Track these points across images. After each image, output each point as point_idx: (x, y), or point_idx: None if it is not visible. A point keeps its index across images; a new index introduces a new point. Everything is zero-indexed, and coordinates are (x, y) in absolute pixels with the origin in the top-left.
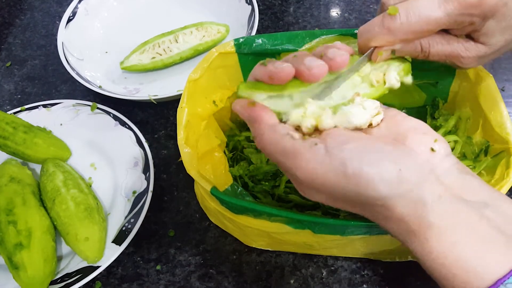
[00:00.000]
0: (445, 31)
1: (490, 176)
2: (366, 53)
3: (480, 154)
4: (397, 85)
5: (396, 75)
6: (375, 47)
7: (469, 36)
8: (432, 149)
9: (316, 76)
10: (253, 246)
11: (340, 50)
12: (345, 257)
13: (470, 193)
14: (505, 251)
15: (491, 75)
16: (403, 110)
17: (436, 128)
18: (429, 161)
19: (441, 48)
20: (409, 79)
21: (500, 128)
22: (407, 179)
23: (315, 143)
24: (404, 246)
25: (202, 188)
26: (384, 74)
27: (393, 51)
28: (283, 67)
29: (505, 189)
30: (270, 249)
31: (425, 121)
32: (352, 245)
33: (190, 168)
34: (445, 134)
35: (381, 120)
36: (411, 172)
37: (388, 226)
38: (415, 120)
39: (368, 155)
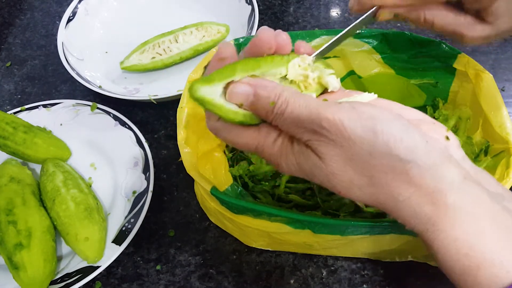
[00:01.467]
0: (453, 6)
1: None
2: (370, 10)
3: (480, 154)
4: (338, 87)
5: (336, 77)
6: (380, 6)
7: (477, 14)
8: (447, 138)
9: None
10: (253, 246)
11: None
12: (345, 257)
13: (487, 183)
14: None
15: (491, 75)
16: None
17: None
18: (447, 147)
19: (446, 21)
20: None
21: (500, 128)
22: (434, 151)
23: (338, 101)
24: (420, 237)
25: (202, 188)
26: (319, 78)
27: (395, 15)
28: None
29: None
30: (270, 249)
31: None
32: (352, 245)
33: (190, 168)
34: None
35: None
36: (435, 150)
37: (408, 211)
38: (415, 110)
39: (397, 121)
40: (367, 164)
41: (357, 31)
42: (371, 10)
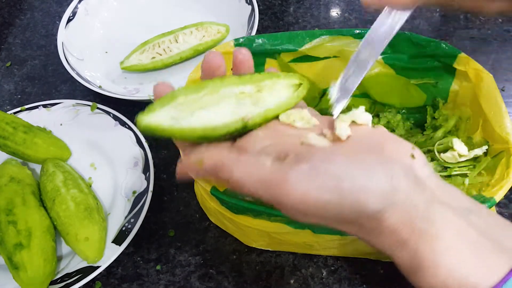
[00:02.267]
0: None
1: (490, 176)
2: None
3: (480, 155)
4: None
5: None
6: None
7: None
8: (413, 156)
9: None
10: (253, 246)
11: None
12: (345, 257)
13: (454, 199)
14: (495, 257)
15: (491, 75)
16: (403, 110)
17: (436, 128)
18: (412, 167)
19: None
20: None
21: (500, 128)
22: (399, 187)
23: (296, 162)
24: (393, 260)
25: (202, 188)
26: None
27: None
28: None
29: (505, 189)
30: (270, 249)
31: (425, 121)
32: (352, 245)
33: None
34: (445, 134)
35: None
36: (401, 179)
37: (378, 240)
38: (378, 130)
39: (359, 166)
40: (337, 218)
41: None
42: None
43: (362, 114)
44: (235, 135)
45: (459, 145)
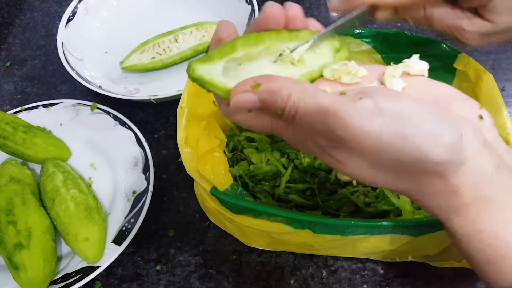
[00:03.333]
0: (452, 4)
1: None
2: (360, 9)
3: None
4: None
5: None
6: (373, 5)
7: (476, 12)
8: (481, 117)
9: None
10: (253, 246)
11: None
12: (345, 257)
13: None
14: None
15: (491, 75)
16: None
17: None
18: (480, 129)
19: (444, 17)
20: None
21: (500, 128)
22: (467, 145)
23: (359, 98)
24: (445, 225)
25: (202, 188)
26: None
27: (396, 12)
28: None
29: None
30: (270, 249)
31: None
32: (352, 245)
33: (190, 168)
34: None
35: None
36: (470, 137)
37: (434, 201)
38: (445, 85)
39: (428, 113)
40: (395, 167)
41: (351, 28)
42: (364, 9)
43: (416, 64)
44: None
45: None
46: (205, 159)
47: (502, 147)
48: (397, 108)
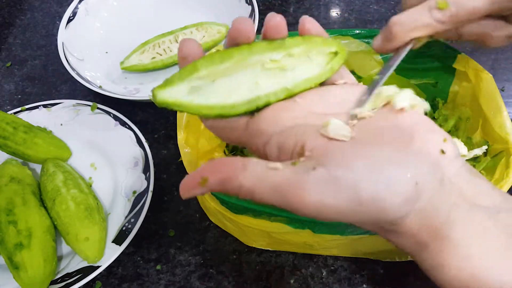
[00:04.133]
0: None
1: (490, 176)
2: (406, 45)
3: (479, 155)
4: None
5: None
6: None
7: (502, 17)
8: (442, 151)
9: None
10: (253, 246)
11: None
12: (345, 257)
13: (482, 196)
14: None
15: (491, 75)
16: None
17: None
18: (439, 164)
19: (472, 28)
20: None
21: (500, 128)
22: (423, 191)
23: (312, 167)
24: (414, 259)
25: None
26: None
27: (431, 36)
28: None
29: (505, 189)
30: (270, 249)
31: None
32: (352, 245)
33: (190, 168)
34: None
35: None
36: (426, 182)
37: (399, 241)
38: (415, 113)
39: (381, 170)
40: (357, 222)
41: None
42: (409, 44)
43: (405, 99)
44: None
45: (458, 145)
46: (205, 159)
47: (463, 179)
48: (350, 174)
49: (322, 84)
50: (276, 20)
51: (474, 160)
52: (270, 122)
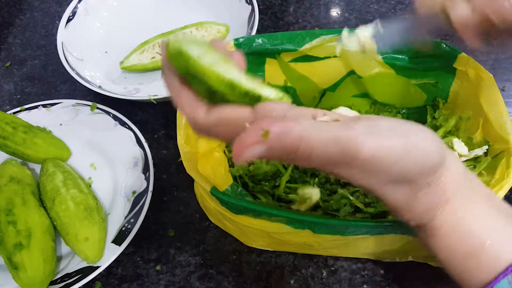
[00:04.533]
0: None
1: (491, 176)
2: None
3: (480, 155)
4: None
5: None
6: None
7: None
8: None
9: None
10: (253, 246)
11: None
12: (345, 257)
13: (476, 185)
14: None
15: (491, 75)
16: (403, 110)
17: (436, 128)
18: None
19: None
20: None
21: (500, 128)
22: (447, 153)
23: (353, 121)
24: (426, 227)
25: (202, 188)
26: None
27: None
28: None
29: (506, 189)
30: (270, 249)
31: (425, 121)
32: (352, 245)
33: (190, 168)
34: (445, 134)
35: None
36: (448, 149)
37: (424, 203)
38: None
39: (414, 130)
40: (399, 173)
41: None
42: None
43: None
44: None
45: (459, 145)
46: (205, 159)
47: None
48: (390, 125)
49: None
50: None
51: (475, 160)
52: (276, 110)
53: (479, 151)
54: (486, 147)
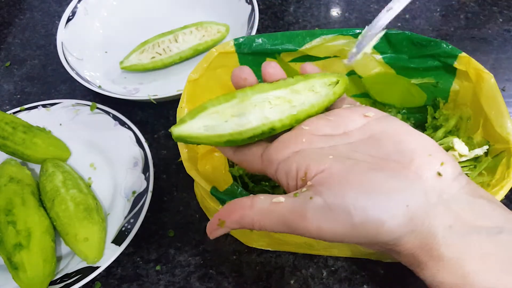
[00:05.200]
0: None
1: (491, 176)
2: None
3: (480, 154)
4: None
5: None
6: None
7: None
8: (439, 174)
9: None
10: (253, 246)
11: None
12: (345, 257)
13: (482, 218)
14: None
15: (492, 75)
16: (403, 110)
17: (436, 128)
18: (435, 187)
19: None
20: None
21: (500, 128)
22: (415, 214)
23: (309, 196)
24: (416, 275)
25: (202, 188)
26: None
27: None
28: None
29: (506, 189)
30: (270, 249)
31: (426, 121)
32: (352, 245)
33: (190, 168)
34: (445, 134)
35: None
36: (419, 204)
37: (400, 259)
38: (420, 136)
39: (372, 195)
40: (353, 242)
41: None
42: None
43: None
44: (268, 137)
45: (459, 145)
46: (205, 159)
47: (462, 200)
48: (343, 202)
49: (327, 110)
50: (271, 68)
51: (475, 160)
52: (277, 151)
53: (480, 151)
54: (487, 147)
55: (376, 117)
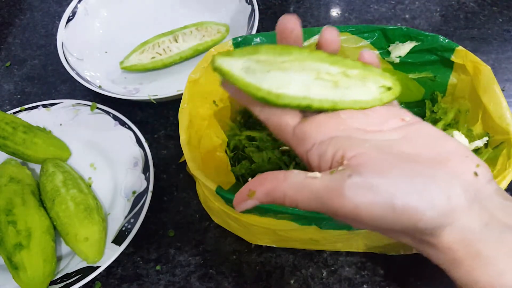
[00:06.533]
0: None
1: (492, 168)
2: None
3: (481, 146)
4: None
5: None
6: None
7: None
8: (476, 174)
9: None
10: (258, 243)
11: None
12: (345, 257)
13: None
14: None
15: (489, 67)
16: (402, 105)
17: (435, 121)
18: (472, 186)
19: None
20: None
21: (500, 119)
22: (456, 206)
23: (347, 174)
24: (448, 274)
25: (206, 188)
26: None
27: None
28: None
29: (508, 179)
30: (275, 246)
31: (424, 115)
32: (357, 239)
33: (195, 168)
34: (445, 127)
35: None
36: (460, 198)
37: (432, 253)
38: (455, 141)
39: (415, 182)
40: (390, 231)
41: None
42: None
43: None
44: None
45: (459, 138)
46: (207, 159)
47: (496, 202)
48: (384, 182)
49: None
50: (333, 35)
51: (476, 152)
52: (313, 130)
53: (480, 143)
54: (487, 138)
55: (411, 121)
